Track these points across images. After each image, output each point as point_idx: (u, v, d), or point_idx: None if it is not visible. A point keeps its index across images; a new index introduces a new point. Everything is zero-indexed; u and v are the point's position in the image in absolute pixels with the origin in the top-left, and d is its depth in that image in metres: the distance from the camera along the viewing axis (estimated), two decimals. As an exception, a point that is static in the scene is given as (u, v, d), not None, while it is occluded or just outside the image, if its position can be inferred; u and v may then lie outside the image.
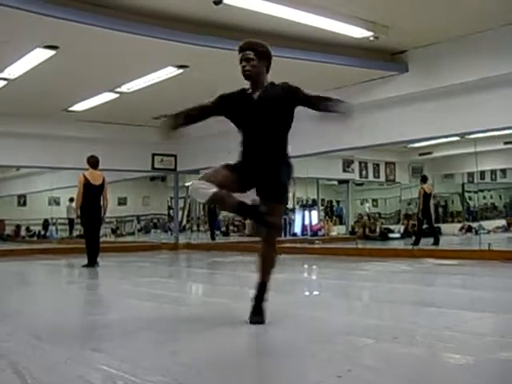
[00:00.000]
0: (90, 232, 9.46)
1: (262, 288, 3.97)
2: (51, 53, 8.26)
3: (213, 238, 17.44)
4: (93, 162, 9.51)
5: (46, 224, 22.23)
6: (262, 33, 8.05)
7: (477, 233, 16.92)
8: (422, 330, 3.64)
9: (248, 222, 7.60)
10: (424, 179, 13.73)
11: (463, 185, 21.38)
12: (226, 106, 4.11)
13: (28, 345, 3.44)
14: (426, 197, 13.21)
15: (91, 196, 9.28)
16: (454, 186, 21.91)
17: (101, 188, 9.42)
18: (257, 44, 4.04)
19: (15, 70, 9.12)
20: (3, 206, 19.98)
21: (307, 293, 6.62)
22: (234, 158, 3.94)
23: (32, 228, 22.36)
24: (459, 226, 19.50)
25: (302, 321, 4.16)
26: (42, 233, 22.13)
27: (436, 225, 20.11)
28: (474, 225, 18.34)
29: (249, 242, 17.30)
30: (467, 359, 2.92)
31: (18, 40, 7.86)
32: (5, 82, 9.76)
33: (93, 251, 9.33)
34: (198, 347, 3.39)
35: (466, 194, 21.79)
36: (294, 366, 2.89)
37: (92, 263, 9.27)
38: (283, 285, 7.11)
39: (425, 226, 13.37)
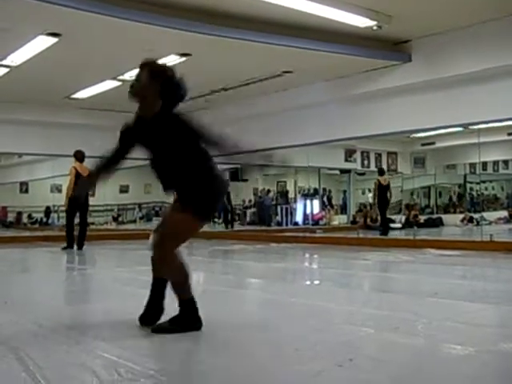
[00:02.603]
0: (72, 219, 10.53)
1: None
2: (54, 40, 8.24)
3: (231, 226, 17.48)
4: (80, 157, 10.42)
5: (47, 211, 22.24)
6: (266, 22, 8.05)
7: (478, 224, 16.93)
8: (423, 321, 3.64)
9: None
10: (381, 172, 13.94)
11: (465, 175, 21.36)
12: (128, 136, 3.67)
13: (29, 332, 3.45)
14: (382, 188, 13.37)
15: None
16: (457, 177, 21.90)
17: None
18: (152, 63, 3.70)
19: (18, 58, 9.10)
20: (5, 193, 19.97)
21: (308, 282, 6.63)
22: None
23: (34, 215, 22.39)
24: (461, 216, 19.49)
25: (302, 310, 4.17)
26: (44, 220, 22.16)
27: (437, 215, 20.19)
28: (476, 216, 18.34)
29: (250, 230, 17.36)
30: (469, 350, 2.93)
31: (20, 27, 7.83)
32: (7, 70, 9.75)
33: (73, 236, 10.42)
34: (200, 334, 3.40)
35: (468, 185, 21.77)
36: (295, 355, 2.89)
37: (71, 246, 10.36)
38: (284, 274, 7.14)
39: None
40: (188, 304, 3.37)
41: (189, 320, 3.34)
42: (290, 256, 10.13)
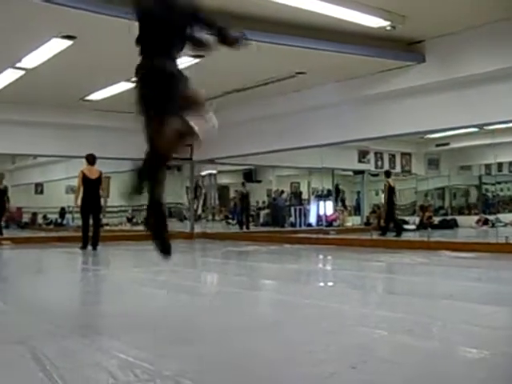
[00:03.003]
0: (86, 220, 10.75)
1: None
2: (68, 43, 8.29)
3: (247, 227, 17.49)
4: (91, 160, 10.86)
5: (62, 212, 22.36)
6: (279, 23, 8.05)
7: (493, 225, 16.82)
8: (437, 323, 3.64)
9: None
10: (388, 174, 13.91)
11: (480, 177, 21.24)
12: None
13: (46, 331, 3.48)
14: (391, 190, 13.35)
15: (89, 188, 10.63)
16: (471, 178, 21.77)
17: (97, 181, 10.72)
18: None
19: (33, 60, 9.15)
20: (21, 194, 20.08)
21: (321, 284, 6.62)
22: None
23: (49, 216, 22.51)
24: (476, 218, 19.38)
25: (315, 312, 4.17)
26: (59, 221, 22.27)
27: (452, 217, 20.10)
28: (491, 217, 18.23)
29: (264, 231, 17.36)
30: (483, 353, 2.92)
31: (35, 30, 7.89)
32: (23, 72, 9.82)
33: (87, 236, 10.70)
34: (215, 336, 3.41)
35: (483, 186, 21.64)
36: (308, 357, 2.90)
37: (85, 246, 10.63)
38: (298, 275, 7.15)
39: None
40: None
41: None
42: (304, 257, 10.13)
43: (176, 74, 3.53)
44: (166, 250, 3.59)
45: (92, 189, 10.65)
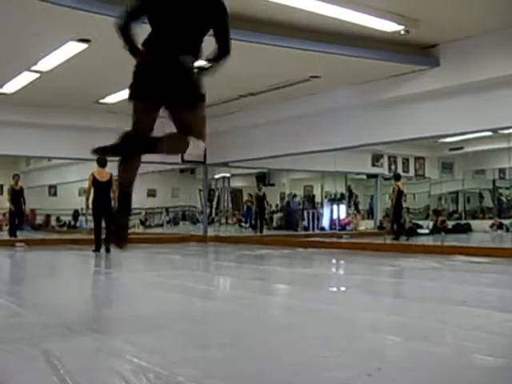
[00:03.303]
0: (98, 223, 10.84)
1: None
2: (83, 46, 8.34)
3: (261, 231, 17.47)
4: (102, 163, 10.87)
5: (75, 214, 22.47)
6: (294, 27, 8.06)
7: (508, 230, 16.73)
8: (452, 330, 3.61)
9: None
10: (397, 177, 13.82)
11: (494, 181, 21.11)
12: None
13: (59, 334, 3.48)
14: (400, 194, 13.28)
15: (99, 191, 10.75)
16: (485, 182, 21.65)
17: (108, 183, 10.79)
18: None
19: (48, 63, 9.22)
20: (35, 195, 20.19)
21: (334, 288, 6.60)
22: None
23: (62, 218, 22.64)
24: (490, 222, 19.26)
25: (329, 317, 4.15)
26: (72, 223, 22.38)
27: (466, 221, 19.99)
28: (506, 222, 18.12)
29: (277, 235, 17.36)
30: (500, 361, 2.89)
31: (51, 33, 7.94)
32: (38, 75, 9.88)
33: (100, 239, 10.77)
34: (228, 341, 3.41)
35: (498, 190, 21.51)
36: (322, 362, 2.89)
37: (98, 249, 10.72)
38: (311, 280, 7.13)
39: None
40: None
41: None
42: (317, 261, 10.11)
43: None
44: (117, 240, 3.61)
45: (103, 191, 10.74)
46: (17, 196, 14.42)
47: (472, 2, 7.48)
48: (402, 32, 8.25)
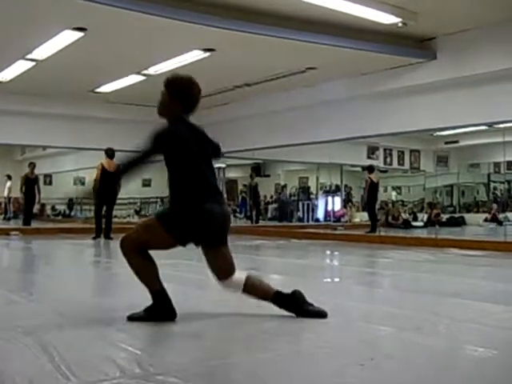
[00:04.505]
0: (100, 211, 11.38)
1: None
2: (79, 34, 8.30)
3: (256, 221, 17.43)
4: (110, 153, 11.26)
5: (70, 203, 22.44)
6: (290, 18, 8.04)
7: (501, 224, 16.77)
8: (444, 321, 3.63)
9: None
10: (371, 169, 13.70)
11: (489, 175, 21.17)
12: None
13: (55, 323, 3.50)
14: (374, 186, 13.22)
15: (106, 181, 10.99)
16: (480, 176, 21.71)
17: (115, 174, 10.46)
18: (172, 81, 3.72)
19: (44, 52, 9.17)
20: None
21: (328, 279, 6.63)
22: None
23: (57, 207, 22.60)
24: (484, 216, 19.32)
25: (323, 307, 4.16)
26: (67, 212, 22.35)
27: (460, 214, 20.03)
28: (500, 216, 18.18)
29: (272, 226, 17.36)
30: (492, 352, 2.91)
31: (46, 21, 7.91)
32: (33, 63, 9.84)
33: (101, 227, 11.29)
34: (223, 329, 3.42)
35: (492, 184, 21.57)
36: (315, 353, 2.90)
37: (99, 235, 11.22)
38: (305, 271, 7.15)
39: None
40: (157, 295, 3.55)
41: (160, 310, 3.52)
42: (311, 253, 10.13)
43: None
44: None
45: (109, 181, 10.89)
46: (31, 184, 14.30)
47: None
48: (400, 24, 8.23)
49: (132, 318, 3.51)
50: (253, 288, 3.69)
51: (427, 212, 19.14)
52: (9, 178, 21.38)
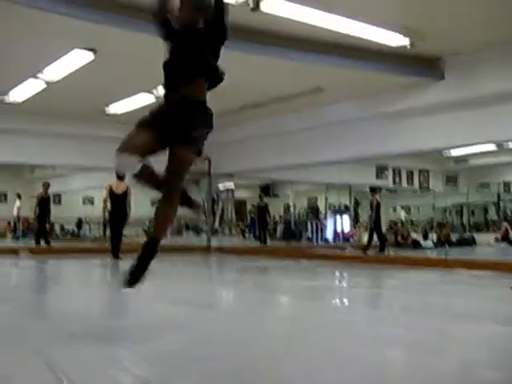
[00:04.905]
0: (113, 231, 11.41)
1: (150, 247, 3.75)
2: (90, 56, 8.39)
3: (264, 241, 17.36)
4: (121, 175, 10.85)
5: (79, 223, 22.50)
6: (299, 39, 8.08)
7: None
8: (454, 344, 3.60)
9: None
10: (375, 190, 13.66)
11: (499, 194, 21.10)
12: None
13: (63, 343, 3.48)
14: (379, 207, 13.18)
15: (114, 202, 11.18)
16: (490, 196, 21.64)
17: (123, 196, 11.20)
18: None
19: (54, 72, 9.26)
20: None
21: (337, 301, 6.58)
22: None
23: (66, 226, 22.66)
24: (494, 235, 19.22)
25: (331, 329, 4.14)
26: (76, 231, 22.40)
27: (470, 234, 19.93)
28: (511, 235, 18.09)
29: (280, 247, 17.33)
30: (503, 376, 2.87)
31: (57, 42, 8.00)
32: (44, 83, 9.92)
33: (114, 246, 11.23)
34: (228, 351, 3.40)
35: (502, 204, 21.50)
36: (325, 376, 2.87)
37: (115, 256, 11.09)
38: (313, 292, 7.11)
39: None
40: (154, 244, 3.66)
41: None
42: (320, 273, 10.08)
43: None
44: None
45: (118, 203, 11.16)
46: (44, 204, 14.31)
47: (477, 15, 7.49)
48: (407, 45, 8.26)
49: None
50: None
51: (437, 232, 19.05)
52: (18, 197, 21.47)
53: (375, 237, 13.18)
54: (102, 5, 6.90)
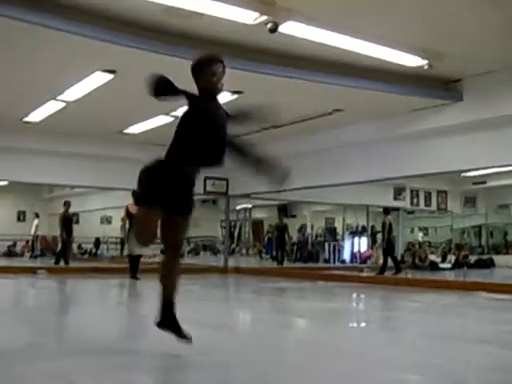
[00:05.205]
0: (132, 253, 11.43)
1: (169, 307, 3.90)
2: (109, 76, 8.47)
3: (281, 263, 17.34)
4: (135, 196, 10.96)
5: (97, 242, 22.58)
6: (318, 61, 8.12)
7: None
8: (473, 370, 3.55)
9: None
10: (387, 211, 13.60)
11: (519, 216, 20.92)
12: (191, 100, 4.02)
13: (82, 365, 3.48)
14: (390, 228, 13.12)
15: (132, 222, 10.88)
16: (509, 217, 21.45)
17: None
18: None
19: (74, 93, 9.35)
20: (57, 223, 20.40)
21: (354, 324, 6.54)
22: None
23: (84, 246, 22.73)
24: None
25: (347, 353, 4.11)
26: (94, 251, 22.47)
27: (488, 256, 19.73)
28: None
29: (297, 268, 17.27)
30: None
31: (78, 64, 8.09)
32: (64, 104, 10.03)
33: (133, 267, 11.38)
34: (245, 375, 3.39)
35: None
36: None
37: (134, 277, 11.23)
38: (329, 315, 7.07)
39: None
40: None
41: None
42: (337, 295, 10.04)
43: None
44: None
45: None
46: (68, 223, 14.39)
47: (496, 36, 7.46)
48: (426, 66, 8.26)
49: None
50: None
51: (455, 253, 18.91)
52: (36, 216, 21.64)
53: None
54: (125, 27, 6.98)
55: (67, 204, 14.41)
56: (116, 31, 6.95)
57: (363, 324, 6.55)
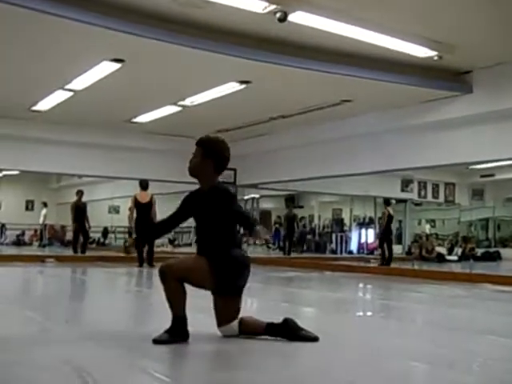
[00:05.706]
0: (139, 242, 11.29)
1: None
2: (117, 66, 8.49)
3: (288, 253, 17.41)
4: (144, 185, 11.87)
5: (105, 232, 22.64)
6: (327, 51, 8.10)
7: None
8: (479, 359, 3.56)
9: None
10: (388, 202, 13.60)
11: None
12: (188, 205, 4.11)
13: (91, 351, 3.51)
14: (390, 219, 13.08)
15: (140, 211, 11.61)
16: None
17: (148, 205, 11.66)
18: (206, 141, 3.99)
19: (82, 82, 9.38)
20: (64, 212, 20.39)
21: (360, 313, 6.56)
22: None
23: (92, 235, 22.80)
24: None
25: (355, 342, 4.13)
26: (102, 240, 22.54)
27: (495, 249, 19.69)
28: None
29: (305, 258, 17.28)
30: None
31: (85, 53, 8.11)
32: (71, 93, 10.06)
33: (142, 256, 11.61)
34: (251, 363, 3.41)
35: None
36: None
37: (141, 265, 11.55)
38: (337, 304, 7.09)
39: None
40: (179, 320, 3.77)
41: (178, 332, 3.72)
42: (344, 285, 10.05)
43: None
44: None
45: (143, 212, 11.54)
46: (81, 212, 14.44)
47: (507, 28, 7.43)
48: (435, 58, 8.24)
49: (157, 341, 3.62)
50: (247, 327, 3.89)
51: (461, 246, 18.89)
52: (45, 205, 21.73)
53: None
54: (133, 16, 7.00)
55: (80, 193, 14.46)
56: (124, 20, 6.98)
57: (370, 313, 6.57)
